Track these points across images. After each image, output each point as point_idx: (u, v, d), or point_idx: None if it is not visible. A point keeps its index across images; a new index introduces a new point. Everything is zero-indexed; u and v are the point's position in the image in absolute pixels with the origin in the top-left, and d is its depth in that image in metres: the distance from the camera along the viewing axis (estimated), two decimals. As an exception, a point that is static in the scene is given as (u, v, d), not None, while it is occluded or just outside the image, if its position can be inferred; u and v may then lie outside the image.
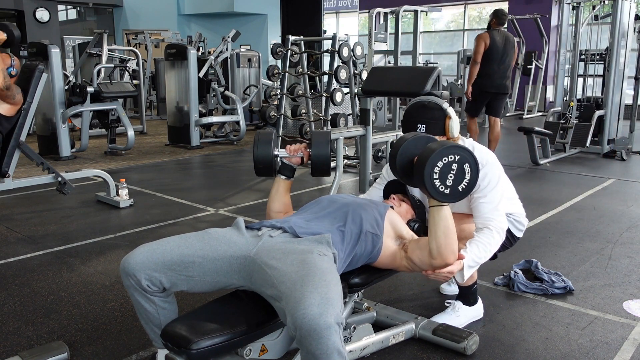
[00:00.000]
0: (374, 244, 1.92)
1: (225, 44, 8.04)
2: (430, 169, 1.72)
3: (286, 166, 2.18)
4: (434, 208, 1.81)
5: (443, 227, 1.80)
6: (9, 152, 3.59)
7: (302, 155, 2.15)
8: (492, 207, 2.08)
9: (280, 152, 2.15)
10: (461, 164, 1.76)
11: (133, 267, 1.66)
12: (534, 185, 5.16)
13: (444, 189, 1.75)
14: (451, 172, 1.75)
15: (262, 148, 2.09)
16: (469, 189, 1.78)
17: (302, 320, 1.39)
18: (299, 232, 1.81)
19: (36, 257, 3.26)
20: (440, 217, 1.80)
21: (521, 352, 2.16)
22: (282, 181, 2.19)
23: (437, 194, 1.75)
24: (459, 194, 1.78)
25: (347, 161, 5.91)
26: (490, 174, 2.14)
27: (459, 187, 1.77)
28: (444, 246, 1.81)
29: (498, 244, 2.05)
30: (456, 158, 1.75)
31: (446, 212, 1.80)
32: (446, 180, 1.74)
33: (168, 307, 1.76)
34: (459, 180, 1.76)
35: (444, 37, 15.21)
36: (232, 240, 1.78)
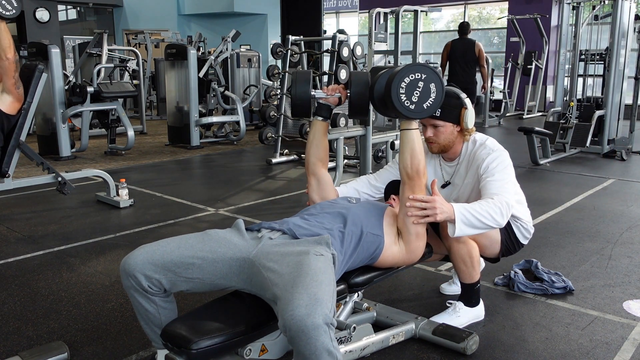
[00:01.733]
0: (375, 245, 1.92)
1: (225, 44, 8.04)
2: (398, 83, 1.82)
3: (323, 106, 2.17)
4: (403, 132, 1.95)
5: (410, 149, 1.94)
6: (9, 152, 3.59)
7: (339, 95, 2.16)
8: (499, 185, 2.10)
9: (317, 93, 2.15)
10: (427, 83, 1.86)
11: (133, 268, 1.66)
12: (534, 185, 5.15)
13: (410, 104, 1.86)
14: (417, 89, 1.85)
15: (301, 87, 2.10)
16: (434, 107, 1.89)
17: (290, 321, 1.39)
18: (298, 234, 1.80)
19: (36, 257, 3.26)
20: (407, 139, 1.95)
21: (521, 352, 2.16)
22: (320, 123, 2.19)
23: (403, 108, 1.86)
24: (424, 110, 1.89)
25: (347, 161, 5.91)
26: (500, 158, 2.19)
27: (424, 104, 1.88)
28: (409, 166, 1.94)
29: (498, 214, 1.99)
30: (422, 76, 1.85)
31: (413, 134, 1.95)
32: (412, 96, 1.85)
33: (169, 306, 1.77)
34: (424, 98, 1.87)
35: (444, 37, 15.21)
36: (232, 242, 1.78)
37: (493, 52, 13.61)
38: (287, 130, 7.51)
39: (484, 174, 2.16)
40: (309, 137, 2.21)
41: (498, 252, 2.36)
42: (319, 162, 2.20)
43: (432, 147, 2.29)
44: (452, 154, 2.34)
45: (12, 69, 3.24)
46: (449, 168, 2.40)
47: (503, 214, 2.01)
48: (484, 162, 2.19)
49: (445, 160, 2.41)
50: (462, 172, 2.35)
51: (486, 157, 2.20)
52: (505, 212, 2.02)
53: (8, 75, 3.26)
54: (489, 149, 2.24)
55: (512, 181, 2.19)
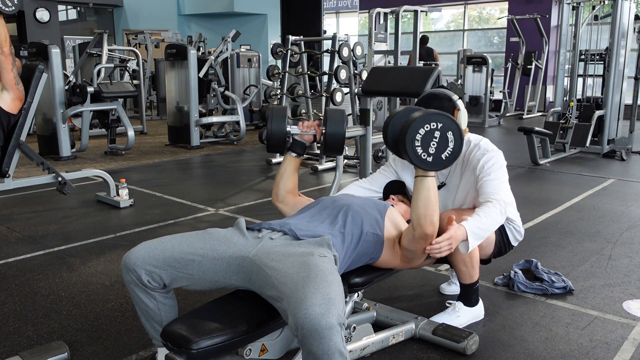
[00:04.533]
0: (375, 244, 1.92)
1: (225, 44, 8.04)
2: (412, 136, 1.71)
3: (298, 143, 2.14)
4: (417, 178, 1.82)
5: (424, 198, 1.81)
6: (9, 152, 3.59)
7: (314, 132, 2.14)
8: (496, 185, 2.11)
9: (292, 129, 2.12)
10: (444, 132, 1.74)
11: (134, 263, 1.68)
12: (534, 185, 5.16)
13: (427, 156, 1.74)
14: (434, 140, 1.73)
15: (277, 124, 2.06)
16: (453, 157, 1.77)
17: (304, 320, 1.39)
18: (300, 235, 1.80)
19: (36, 257, 3.26)
20: (422, 187, 1.82)
21: (521, 352, 2.16)
22: (292, 159, 2.17)
23: (420, 161, 1.74)
24: (442, 162, 1.77)
25: (347, 161, 5.91)
26: (495, 158, 2.20)
27: (442, 155, 1.75)
28: (422, 216, 1.82)
29: (500, 215, 2.02)
30: (439, 125, 1.73)
31: (429, 183, 1.81)
32: (428, 147, 1.73)
33: (169, 302, 1.78)
34: (442, 148, 1.75)
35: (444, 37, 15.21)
36: (232, 240, 1.78)
37: (493, 52, 13.60)
38: (287, 130, 7.49)
39: (480, 174, 2.18)
40: (280, 170, 2.19)
41: (490, 253, 2.36)
42: (287, 194, 2.18)
43: None
44: None
45: (8, 62, 3.24)
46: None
47: (502, 213, 2.05)
48: (479, 162, 2.20)
49: None
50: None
51: (481, 157, 2.22)
52: (504, 211, 2.06)
53: (6, 70, 3.26)
54: (483, 149, 2.25)
55: (507, 180, 2.21)
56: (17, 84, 3.36)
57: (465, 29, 14.14)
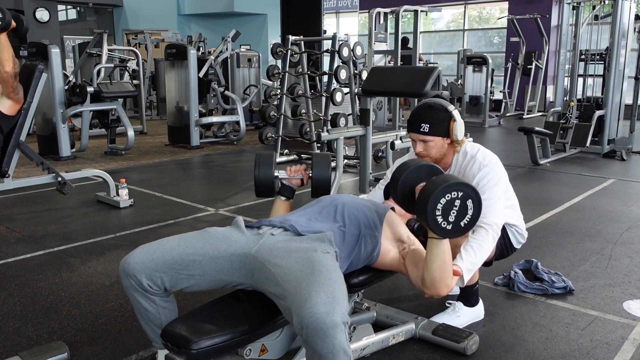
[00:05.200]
0: (372, 246, 1.91)
1: (225, 44, 8.04)
2: (433, 206, 1.68)
3: (286, 187, 2.22)
4: (433, 240, 1.77)
5: (440, 262, 1.77)
6: (9, 152, 3.59)
7: (301, 177, 2.20)
8: (489, 204, 2.09)
9: (280, 174, 2.20)
10: (464, 200, 1.72)
11: (133, 268, 1.66)
12: (534, 185, 5.16)
13: (446, 225, 1.72)
14: (454, 209, 1.71)
15: (263, 170, 2.13)
16: (471, 224, 1.76)
17: (309, 319, 1.38)
18: (301, 231, 1.80)
19: (36, 257, 3.26)
20: (438, 251, 1.77)
21: (521, 352, 2.16)
22: (282, 202, 2.22)
23: (439, 229, 1.72)
24: (461, 229, 1.75)
25: (347, 161, 5.91)
26: (492, 174, 2.17)
27: (461, 222, 1.73)
28: (438, 280, 1.79)
29: (493, 243, 2.06)
30: (459, 194, 1.71)
31: (445, 246, 1.77)
32: (448, 216, 1.71)
33: (169, 306, 1.76)
34: (461, 216, 1.73)
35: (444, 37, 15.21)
36: (232, 238, 1.78)
37: (493, 52, 13.61)
38: (287, 130, 7.51)
39: None
40: (271, 213, 2.23)
41: (492, 257, 2.36)
42: None
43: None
44: (443, 164, 2.31)
45: (10, 81, 3.27)
46: None
47: (495, 239, 2.09)
48: (474, 178, 2.18)
49: None
50: None
51: (477, 173, 2.19)
52: (497, 235, 2.10)
53: (6, 85, 3.29)
54: (479, 163, 2.21)
55: (502, 197, 2.18)
56: (17, 93, 3.38)
57: (465, 29, 14.14)
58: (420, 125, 2.18)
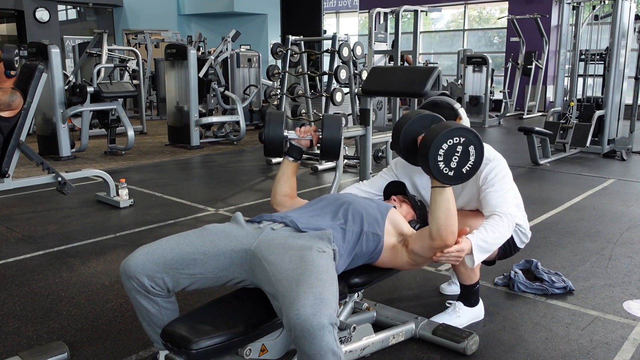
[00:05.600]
0: (375, 244, 1.92)
1: (225, 44, 8.04)
2: (435, 151, 1.69)
3: (295, 148, 2.17)
4: (436, 189, 1.80)
5: (444, 209, 1.80)
6: (9, 152, 3.60)
7: (311, 138, 2.15)
8: (499, 196, 2.09)
9: (289, 134, 2.14)
10: (466, 146, 1.73)
11: (134, 270, 1.65)
12: (534, 185, 5.15)
13: (448, 171, 1.73)
14: (456, 154, 1.72)
15: (273, 129, 2.08)
16: (473, 170, 1.76)
17: (295, 321, 1.39)
18: (301, 227, 1.80)
19: (36, 257, 3.26)
20: (442, 199, 1.79)
21: (521, 352, 2.16)
22: (290, 163, 2.19)
23: (441, 176, 1.73)
24: (463, 175, 1.76)
25: (347, 161, 5.91)
26: (498, 168, 2.18)
27: (463, 169, 1.75)
28: (444, 227, 1.80)
29: (507, 230, 2.01)
30: (461, 140, 1.72)
31: (448, 193, 1.80)
32: (450, 162, 1.72)
33: (171, 306, 1.76)
34: (463, 162, 1.74)
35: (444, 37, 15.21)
36: (232, 234, 1.77)
37: (493, 52, 13.61)
38: (287, 130, 7.50)
39: (483, 186, 2.15)
40: (278, 174, 2.21)
41: (495, 256, 2.36)
42: (285, 197, 2.20)
43: None
44: None
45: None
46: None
47: (510, 227, 2.04)
48: (481, 173, 2.18)
49: None
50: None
51: (484, 168, 2.18)
52: (512, 224, 2.05)
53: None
54: (485, 159, 2.21)
55: (511, 189, 2.18)
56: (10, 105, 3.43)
57: (465, 29, 14.14)
58: None
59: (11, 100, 3.43)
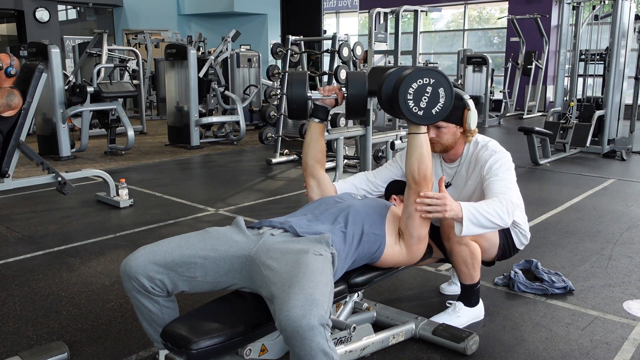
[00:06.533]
0: (377, 244, 1.92)
1: (225, 44, 8.04)
2: (405, 90, 1.76)
3: (320, 108, 2.15)
4: (410, 135, 1.89)
5: (418, 154, 1.89)
6: (9, 152, 3.60)
7: (336, 96, 2.14)
8: (503, 185, 2.10)
9: (313, 94, 2.12)
10: (436, 87, 1.79)
11: (135, 270, 1.65)
12: (534, 185, 5.15)
13: (418, 110, 1.80)
14: (425, 95, 1.79)
15: (297, 88, 2.07)
16: (443, 112, 1.82)
17: (286, 322, 1.39)
18: (300, 232, 1.80)
19: (36, 257, 3.26)
20: (415, 144, 1.89)
21: (521, 352, 2.16)
22: (316, 125, 2.18)
23: (411, 115, 1.80)
24: (433, 116, 1.82)
25: (347, 161, 5.91)
26: (503, 159, 2.19)
27: (433, 110, 1.81)
28: (417, 171, 1.89)
29: (505, 213, 1.96)
30: (431, 81, 1.78)
31: (422, 139, 1.89)
32: (420, 102, 1.79)
33: (171, 305, 1.76)
34: (433, 103, 1.80)
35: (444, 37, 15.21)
36: (233, 239, 1.77)
37: (493, 52, 13.61)
38: (287, 130, 7.51)
39: (487, 175, 2.16)
40: (306, 138, 2.20)
41: (494, 256, 2.36)
42: (317, 164, 2.19)
43: (434, 146, 2.27)
44: (454, 155, 2.34)
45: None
46: (450, 169, 2.39)
47: (509, 213, 1.98)
48: (486, 163, 2.19)
49: (446, 161, 2.41)
50: (463, 173, 2.34)
51: (489, 158, 2.20)
52: (511, 211, 2.00)
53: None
54: (491, 150, 2.24)
55: (515, 181, 2.19)
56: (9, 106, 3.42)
57: (465, 29, 14.14)
58: None
59: (9, 100, 3.43)
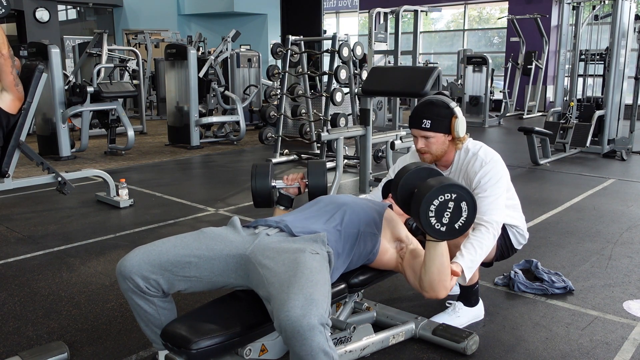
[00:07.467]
0: (372, 244, 1.92)
1: (225, 44, 8.04)
2: (426, 207, 1.69)
3: (284, 197, 2.24)
4: (430, 243, 1.78)
5: (438, 264, 1.78)
6: (9, 152, 3.59)
7: (299, 185, 2.21)
8: (490, 202, 2.10)
9: (277, 183, 2.21)
10: (458, 202, 1.72)
11: (130, 270, 1.65)
12: (534, 185, 5.16)
13: (440, 226, 1.72)
14: (447, 210, 1.71)
15: (260, 181, 2.15)
16: (466, 226, 1.75)
17: (285, 322, 1.39)
18: (295, 231, 1.80)
19: (36, 257, 3.26)
20: (435, 254, 1.78)
21: (521, 352, 2.16)
22: (282, 212, 2.22)
23: (433, 231, 1.72)
24: (455, 231, 1.74)
25: (347, 161, 5.91)
26: (493, 171, 2.17)
27: (456, 225, 1.73)
28: (436, 282, 1.80)
29: (493, 241, 2.06)
30: (453, 196, 1.71)
31: (442, 248, 1.78)
32: (442, 218, 1.71)
33: (168, 306, 1.76)
34: (455, 218, 1.73)
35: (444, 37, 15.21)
36: (228, 238, 1.77)
37: (493, 52, 13.61)
38: (287, 130, 7.51)
39: (476, 189, 2.15)
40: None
41: (493, 257, 2.36)
42: None
43: (424, 157, 2.26)
44: (445, 161, 2.31)
45: (8, 65, 3.24)
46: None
47: (495, 236, 2.08)
48: (476, 175, 2.18)
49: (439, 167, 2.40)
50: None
51: (479, 170, 2.18)
52: (497, 232, 2.09)
53: (5, 72, 3.25)
54: (481, 160, 2.20)
55: (503, 195, 2.17)
56: (17, 85, 3.36)
57: (465, 29, 14.14)
58: (421, 121, 2.19)
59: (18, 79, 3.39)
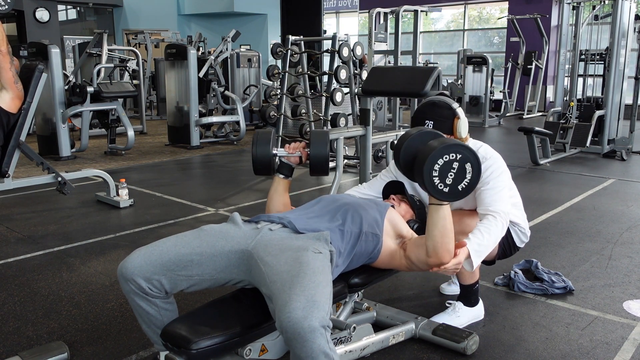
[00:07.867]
0: (374, 244, 1.92)
1: (225, 44, 8.04)
2: (430, 167, 1.68)
3: (285, 165, 2.18)
4: (433, 206, 1.79)
5: (441, 227, 1.79)
6: (9, 152, 3.59)
7: (300, 154, 2.15)
8: (494, 193, 2.09)
9: (278, 151, 2.15)
10: (462, 163, 1.71)
11: (131, 272, 1.64)
12: (534, 185, 5.15)
13: (443, 187, 1.72)
14: (451, 171, 1.71)
15: (261, 147, 2.09)
16: (469, 188, 1.75)
17: (287, 323, 1.39)
18: (300, 228, 1.80)
19: (36, 257, 3.26)
20: (438, 216, 1.78)
21: (521, 352, 2.16)
22: (281, 180, 2.19)
23: (436, 192, 1.72)
24: (459, 193, 1.74)
25: (347, 161, 5.91)
26: (494, 166, 2.17)
27: (459, 186, 1.73)
28: (439, 245, 1.80)
29: (501, 229, 2.02)
30: (458, 157, 1.70)
31: (445, 211, 1.78)
32: (446, 178, 1.70)
33: (170, 307, 1.75)
34: (459, 180, 1.72)
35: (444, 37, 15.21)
36: (229, 234, 1.77)
37: (493, 52, 13.61)
38: (287, 130, 7.51)
39: (479, 184, 2.15)
40: (270, 192, 2.20)
41: (495, 255, 2.36)
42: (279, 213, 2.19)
43: None
44: None
45: (6, 62, 3.23)
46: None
47: (504, 226, 2.05)
48: None
49: None
50: None
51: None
52: (506, 222, 2.06)
53: (4, 69, 3.25)
54: (481, 157, 2.20)
55: (506, 187, 2.18)
56: (16, 82, 3.36)
57: (465, 29, 14.14)
58: (424, 121, 2.19)
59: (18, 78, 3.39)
